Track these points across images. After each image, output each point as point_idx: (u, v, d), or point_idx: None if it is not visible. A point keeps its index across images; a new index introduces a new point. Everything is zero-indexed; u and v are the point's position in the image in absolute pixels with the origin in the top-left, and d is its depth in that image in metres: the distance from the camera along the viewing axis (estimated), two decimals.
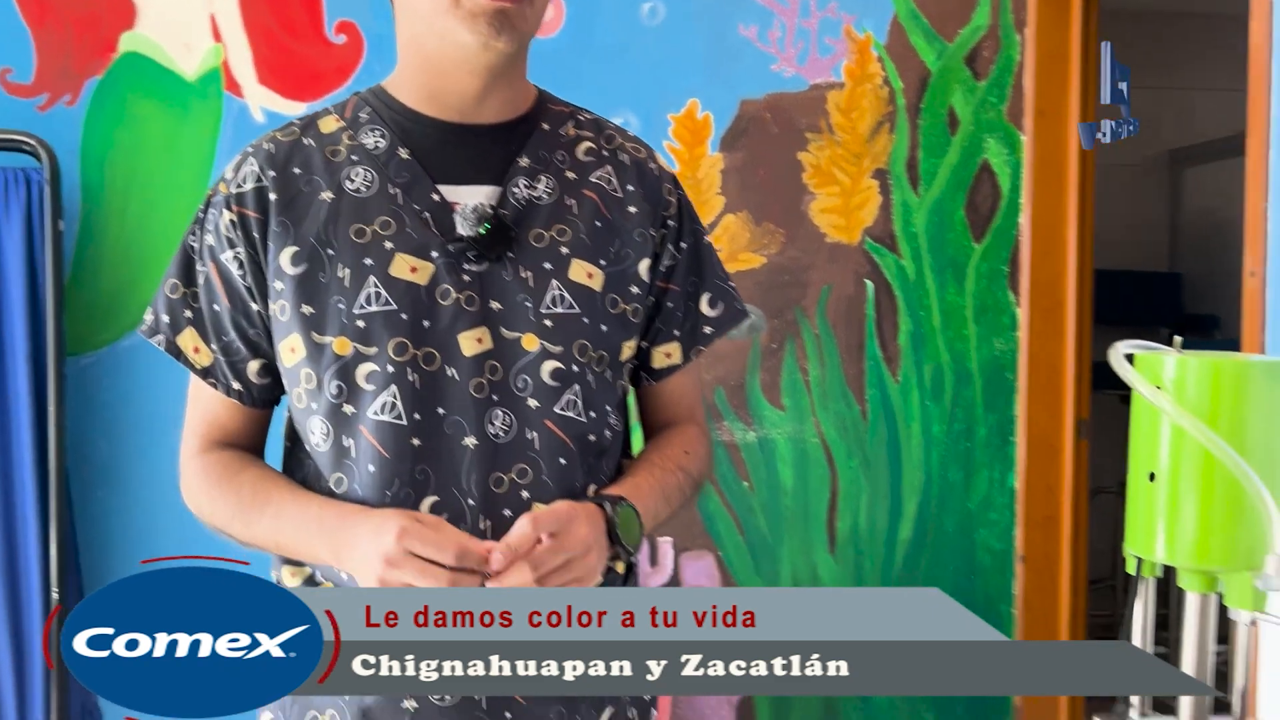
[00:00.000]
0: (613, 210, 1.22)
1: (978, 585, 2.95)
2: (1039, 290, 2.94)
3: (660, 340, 1.28)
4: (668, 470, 1.25)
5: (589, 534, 1.09)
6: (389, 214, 1.14)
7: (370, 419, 1.12)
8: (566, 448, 1.16)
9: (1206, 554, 1.37)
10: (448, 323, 1.13)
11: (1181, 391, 1.38)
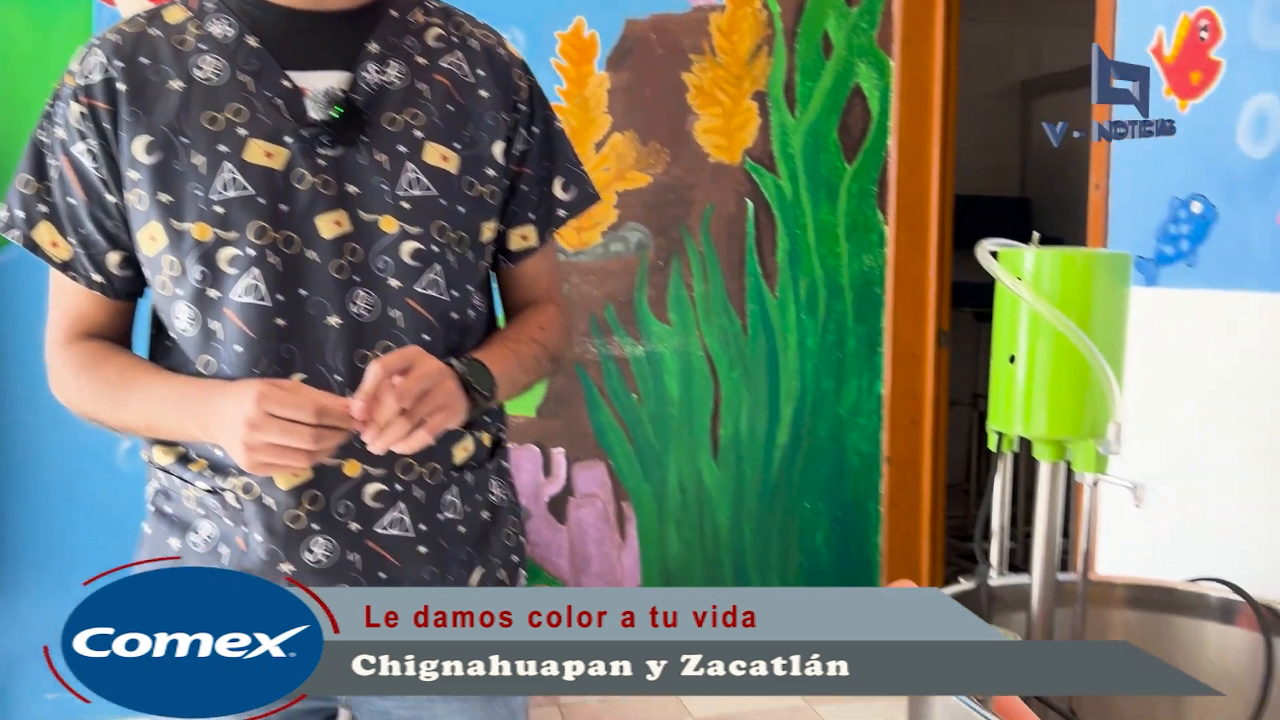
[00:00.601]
0: (464, 95, 1.23)
1: (848, 485, 3.16)
2: (905, 210, 3.13)
3: (516, 223, 1.30)
4: (522, 342, 1.29)
5: (440, 365, 1.12)
6: (240, 101, 1.15)
7: (235, 302, 1.14)
8: (430, 325, 1.19)
9: (1057, 425, 1.56)
10: (305, 206, 1.15)
11: (1038, 282, 1.55)
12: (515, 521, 1.36)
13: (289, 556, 1.17)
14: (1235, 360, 1.93)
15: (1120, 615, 1.73)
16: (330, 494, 1.17)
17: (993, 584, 1.67)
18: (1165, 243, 2.10)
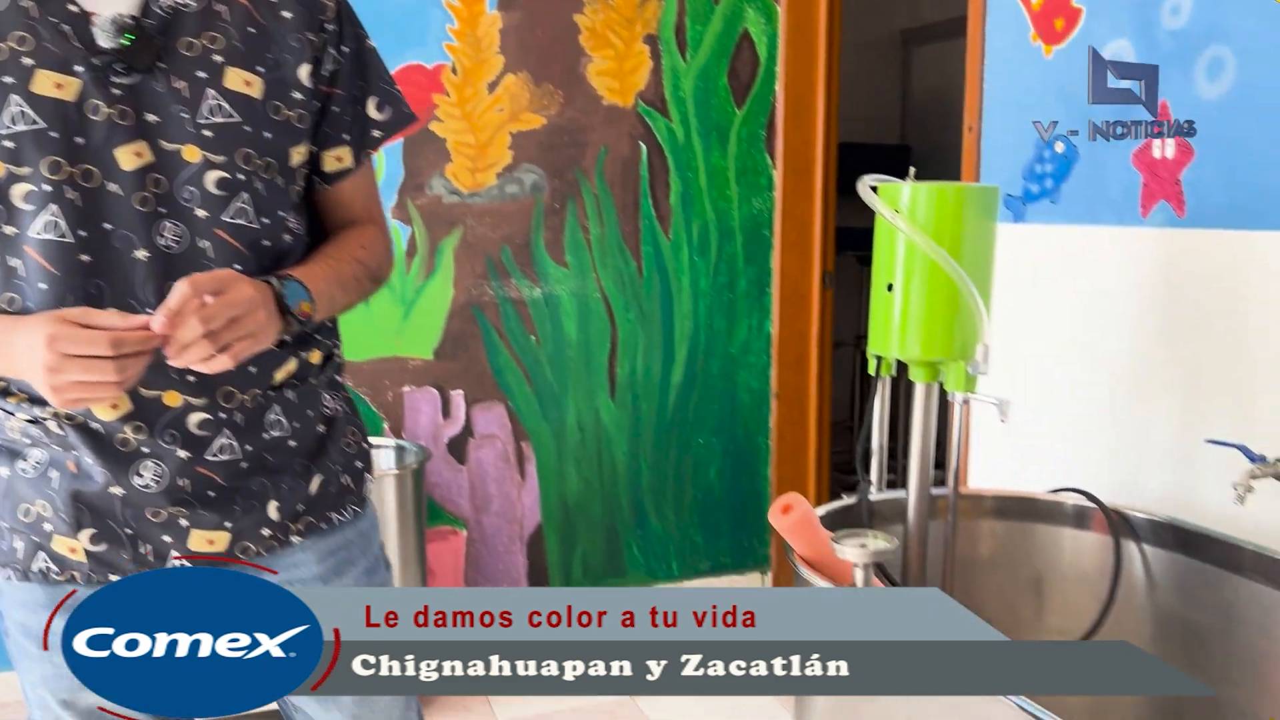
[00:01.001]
0: (265, 16, 1.19)
1: (739, 421, 3.28)
2: (792, 155, 3.22)
3: (330, 144, 1.27)
4: (342, 261, 1.28)
5: (254, 293, 1.10)
6: (24, 28, 1.09)
7: (34, 239, 1.11)
8: (241, 254, 1.17)
9: (930, 348, 1.67)
10: (102, 138, 1.10)
11: (914, 213, 1.65)
12: (355, 431, 1.37)
13: (119, 480, 1.16)
14: (1092, 290, 2.08)
15: (988, 524, 1.87)
16: (154, 424, 1.17)
17: (873, 499, 1.80)
18: (1031, 181, 2.23)
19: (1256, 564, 1.58)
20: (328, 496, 1.30)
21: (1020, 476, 2.21)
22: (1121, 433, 2.01)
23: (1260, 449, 1.70)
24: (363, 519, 1.36)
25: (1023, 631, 1.82)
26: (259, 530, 1.23)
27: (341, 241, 1.32)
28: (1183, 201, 1.88)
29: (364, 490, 1.37)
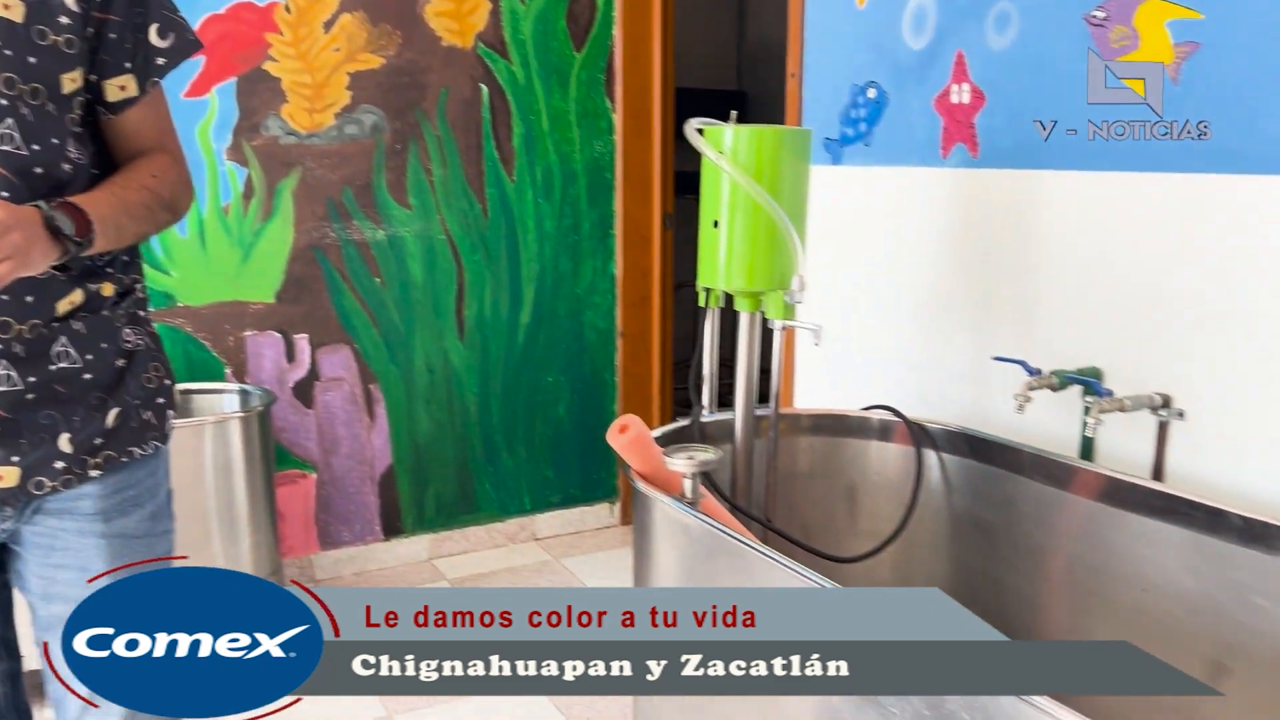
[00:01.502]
0: None
1: (586, 359, 3.39)
2: (631, 98, 3.31)
3: (111, 73, 1.24)
4: (129, 189, 1.25)
5: (8, 217, 1.06)
6: None
7: None
8: (9, 181, 1.15)
9: (752, 279, 1.81)
10: None
11: (736, 154, 1.77)
12: (158, 366, 1.37)
13: None
14: (900, 225, 2.27)
15: (806, 440, 2.05)
16: None
17: (704, 420, 1.94)
18: (847, 125, 2.40)
19: (1034, 464, 1.81)
20: (127, 430, 1.29)
21: (835, 396, 2.40)
22: (923, 354, 2.22)
23: (1037, 364, 1.92)
24: (159, 460, 1.35)
25: (839, 535, 2.01)
26: (52, 464, 1.22)
27: (131, 170, 1.29)
28: (977, 143, 2.07)
29: (166, 426, 1.36)
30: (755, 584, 1.41)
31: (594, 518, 3.51)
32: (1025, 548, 1.84)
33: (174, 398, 1.39)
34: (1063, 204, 1.90)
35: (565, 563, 3.24)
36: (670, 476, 1.63)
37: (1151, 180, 1.75)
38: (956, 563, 1.95)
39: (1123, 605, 1.67)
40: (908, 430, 1.97)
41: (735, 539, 1.44)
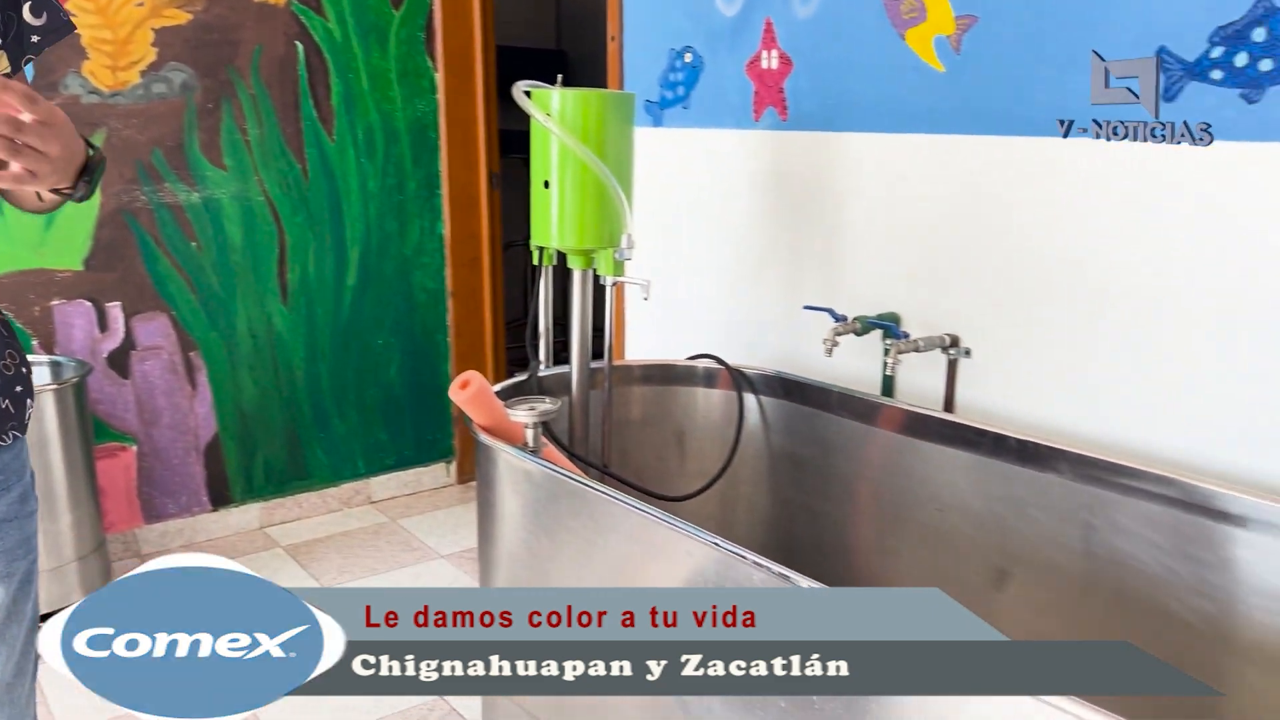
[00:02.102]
0: None
1: (417, 319, 3.40)
2: (452, 57, 3.31)
3: None
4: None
5: (71, 124, 1.08)
6: None
7: None
8: None
9: (583, 237, 1.90)
10: None
11: (563, 117, 1.84)
12: (14, 354, 1.35)
13: None
14: (718, 184, 2.40)
15: (638, 390, 2.16)
16: None
17: (542, 374, 2.02)
18: (666, 88, 2.50)
19: (842, 402, 1.98)
20: None
21: (663, 347, 2.53)
22: (742, 304, 2.37)
23: (843, 311, 2.10)
24: (22, 445, 1.34)
25: (670, 476, 2.14)
26: None
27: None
28: (785, 107, 2.21)
29: (25, 416, 1.34)
30: (597, 525, 1.51)
31: (430, 478, 3.54)
32: (836, 478, 2.02)
33: (31, 386, 1.37)
34: (862, 163, 2.07)
35: (403, 524, 3.27)
36: (512, 428, 1.70)
37: (939, 142, 1.93)
38: (776, 495, 2.12)
39: (921, 524, 1.87)
40: (729, 376, 2.11)
41: (578, 482, 1.53)
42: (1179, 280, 1.62)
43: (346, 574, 2.89)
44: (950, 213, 1.94)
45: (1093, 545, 1.64)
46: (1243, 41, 1.48)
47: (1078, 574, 1.67)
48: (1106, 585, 1.63)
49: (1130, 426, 1.72)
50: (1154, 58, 1.58)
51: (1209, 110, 1.53)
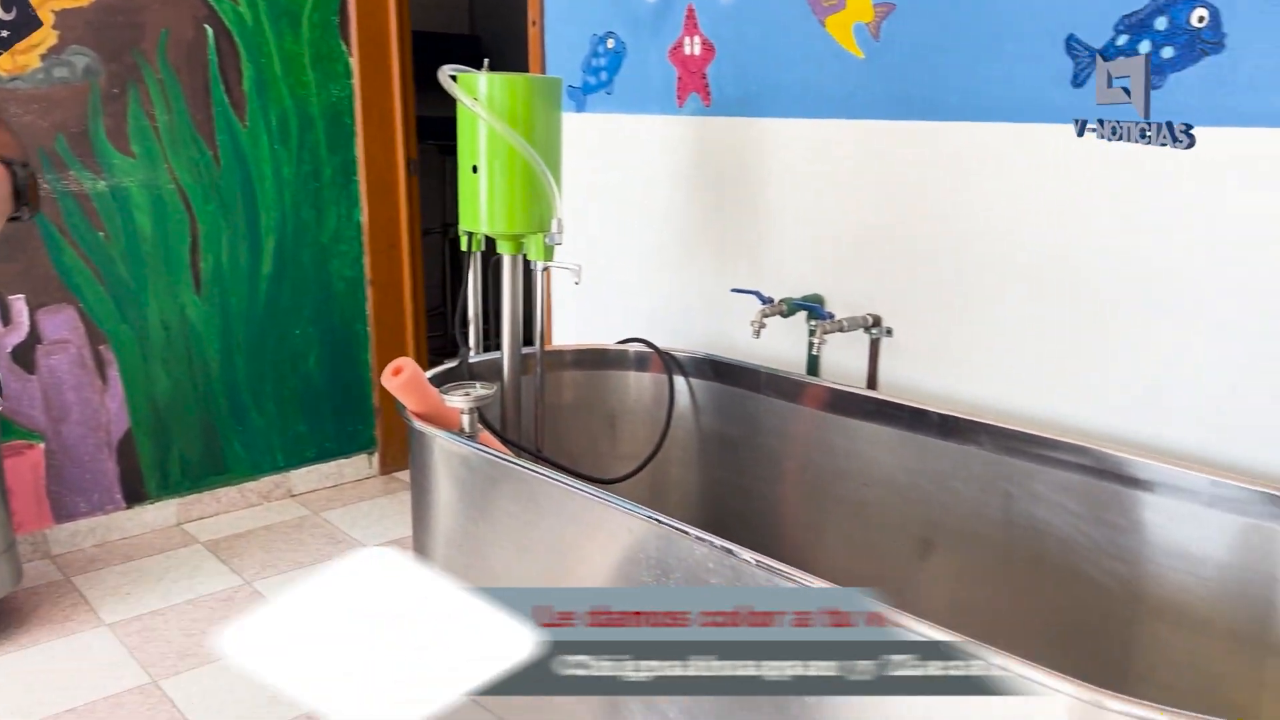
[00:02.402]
0: None
1: (335, 309, 3.35)
2: (367, 41, 3.26)
3: None
4: None
5: None
6: None
7: None
8: None
9: (513, 223, 1.90)
10: None
11: (491, 101, 1.84)
12: None
13: None
14: (643, 169, 2.42)
15: (570, 375, 2.17)
16: None
17: (472, 361, 2.01)
18: (589, 74, 2.51)
19: (770, 383, 2.02)
20: None
21: (591, 332, 2.55)
22: (671, 288, 2.40)
23: (769, 293, 2.14)
24: None
25: (602, 459, 2.16)
26: None
27: None
28: (709, 93, 2.24)
29: None
30: (538, 507, 1.53)
31: (352, 470, 3.50)
32: (765, 457, 2.07)
33: None
34: (785, 148, 2.12)
35: (325, 516, 3.22)
36: (447, 414, 1.70)
37: (859, 127, 1.98)
38: (707, 475, 2.16)
39: (848, 498, 1.93)
40: (660, 359, 2.14)
41: (519, 465, 1.54)
42: (1084, 257, 1.70)
43: (270, 569, 2.84)
44: (871, 196, 1.99)
45: (1012, 514, 1.72)
46: (1146, 30, 1.56)
47: (998, 542, 1.74)
48: (1025, 552, 1.71)
49: (1044, 399, 1.80)
50: (1078, 45, 1.66)
51: (1116, 95, 1.61)
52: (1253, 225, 1.50)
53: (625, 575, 1.39)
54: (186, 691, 2.27)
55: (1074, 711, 1.01)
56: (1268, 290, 1.50)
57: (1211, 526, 1.49)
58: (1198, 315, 1.58)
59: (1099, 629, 1.63)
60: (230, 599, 2.67)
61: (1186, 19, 1.51)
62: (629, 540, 1.38)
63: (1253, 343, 1.53)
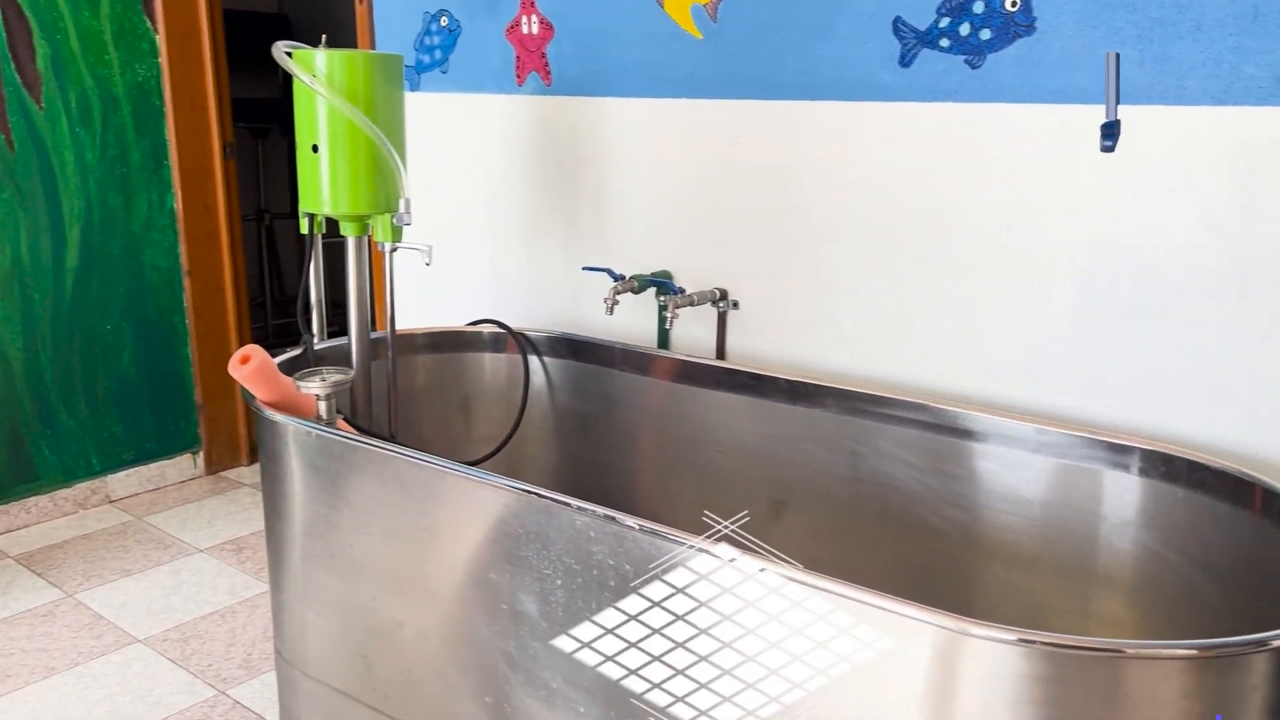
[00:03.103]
0: None
1: (149, 302, 3.15)
2: (173, 18, 3.07)
3: None
4: None
5: None
6: None
7: None
8: None
9: (357, 203, 1.85)
10: None
11: (331, 79, 1.78)
12: None
13: None
14: (486, 151, 2.40)
15: (422, 358, 2.14)
16: None
17: (318, 348, 1.95)
18: (423, 52, 2.46)
19: (625, 358, 2.06)
20: None
21: (440, 315, 2.51)
22: (522, 268, 2.39)
23: (621, 270, 2.17)
24: None
25: (457, 443, 2.14)
26: None
27: None
28: (549, 72, 2.25)
29: None
30: (407, 491, 1.50)
31: (175, 471, 3.31)
32: (620, 431, 2.10)
33: None
34: (629, 128, 2.15)
35: (150, 521, 3.04)
36: (301, 402, 1.65)
37: (700, 106, 2.04)
38: (563, 453, 2.18)
39: (702, 466, 1.99)
40: (514, 340, 2.13)
41: (386, 449, 1.51)
42: (914, 225, 1.82)
43: (95, 579, 2.66)
44: (714, 174, 2.05)
45: (859, 471, 1.82)
46: (965, 13, 1.68)
47: (847, 498, 1.84)
48: (873, 506, 1.81)
49: (883, 361, 1.91)
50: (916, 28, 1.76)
51: (940, 75, 1.72)
52: (1065, 193, 1.65)
53: (505, 552, 1.39)
54: (12, 717, 2.10)
55: (938, 641, 1.09)
56: (1079, 251, 1.65)
57: (1038, 470, 1.63)
58: (1018, 276, 1.72)
59: (943, 573, 1.75)
60: (51, 614, 2.49)
61: (1002, 3, 1.64)
62: (506, 516, 1.39)
63: (1067, 301, 1.68)
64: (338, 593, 1.64)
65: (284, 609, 1.76)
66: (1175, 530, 1.51)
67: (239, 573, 2.72)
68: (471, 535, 1.44)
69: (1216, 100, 1.49)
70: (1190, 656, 1.00)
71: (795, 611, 1.18)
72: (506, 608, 1.40)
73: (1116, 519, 1.57)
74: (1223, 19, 1.47)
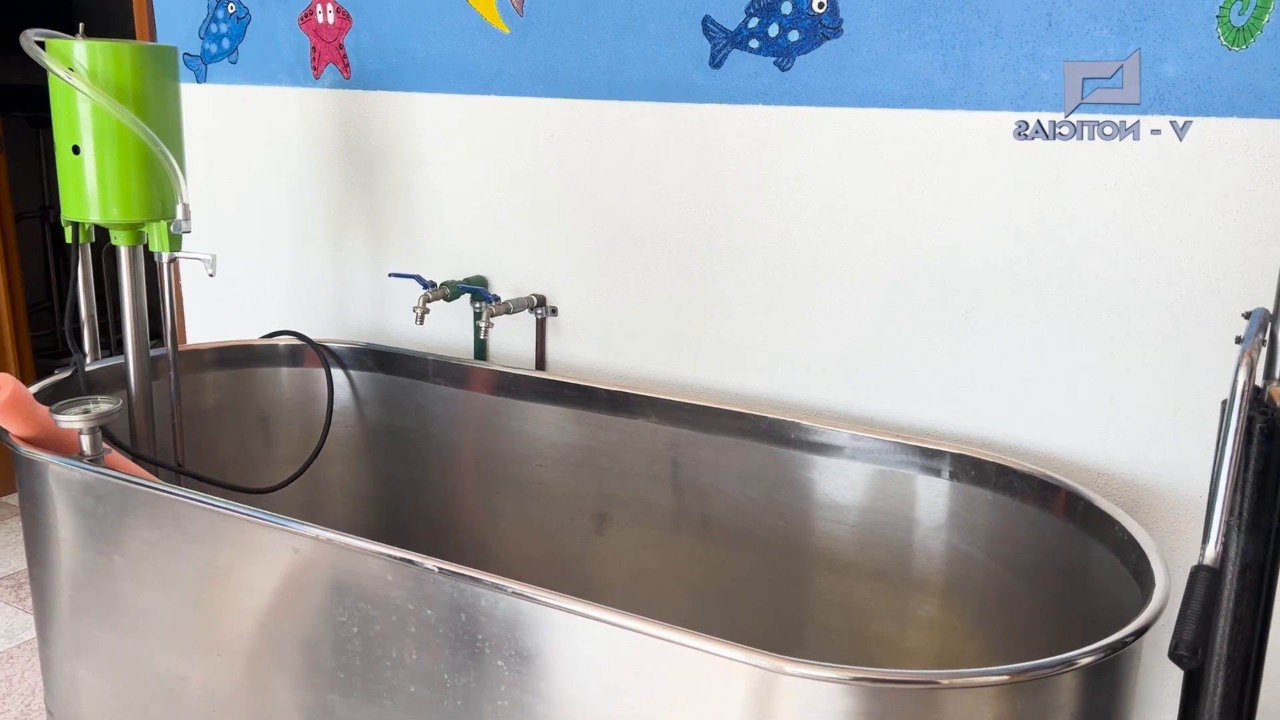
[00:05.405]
0: None
1: None
2: None
3: None
4: None
5: None
6: None
7: None
8: None
9: (129, 210, 1.67)
10: None
11: (93, 72, 1.60)
12: None
13: None
14: (281, 146, 2.23)
15: (211, 375, 1.97)
16: None
17: (90, 369, 1.76)
18: (210, 41, 2.27)
19: (437, 370, 1.95)
20: None
21: (242, 326, 2.32)
22: (321, 275, 2.24)
23: (431, 276, 2.06)
24: None
25: (256, 466, 1.98)
26: None
27: None
28: (348, 65, 2.10)
29: None
30: (184, 534, 1.36)
31: None
32: (437, 447, 2.00)
33: None
34: (436, 125, 2.03)
35: None
36: (62, 436, 1.47)
37: (511, 104, 1.94)
38: (375, 472, 2.05)
39: (525, 481, 1.91)
40: (314, 352, 1.99)
41: (155, 488, 1.36)
42: (726, 228, 1.78)
43: None
44: (527, 174, 1.96)
45: (680, 481, 1.78)
46: (774, 14, 1.65)
47: (670, 509, 1.80)
48: (695, 516, 1.78)
49: (712, 369, 1.87)
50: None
51: (750, 77, 1.69)
52: (871, 197, 1.64)
53: (296, 600, 1.27)
54: None
55: (753, 681, 1.05)
56: (886, 254, 1.65)
57: (854, 476, 1.63)
58: (829, 279, 1.71)
59: (767, 582, 1.73)
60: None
61: (809, 4, 1.61)
62: (295, 560, 1.27)
63: (876, 303, 1.67)
64: (113, 647, 1.48)
65: (53, 666, 1.58)
66: (986, 532, 1.54)
67: (19, 611, 2.46)
68: (258, 581, 1.31)
69: (1016, 106, 1.51)
70: (1003, 682, 0.99)
71: (605, 653, 1.11)
72: (300, 658, 1.28)
73: (930, 523, 1.58)
74: (1019, 25, 1.48)
